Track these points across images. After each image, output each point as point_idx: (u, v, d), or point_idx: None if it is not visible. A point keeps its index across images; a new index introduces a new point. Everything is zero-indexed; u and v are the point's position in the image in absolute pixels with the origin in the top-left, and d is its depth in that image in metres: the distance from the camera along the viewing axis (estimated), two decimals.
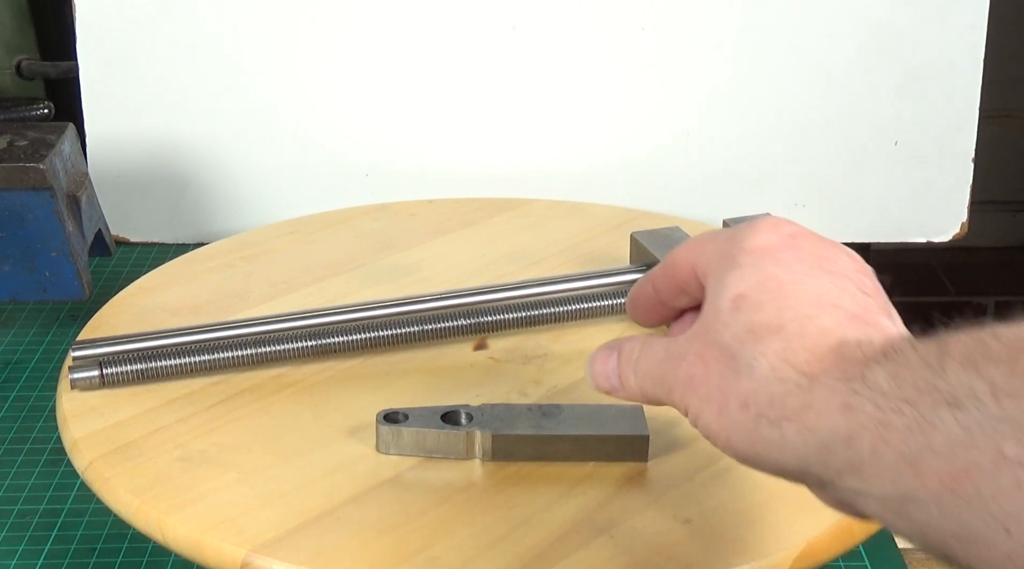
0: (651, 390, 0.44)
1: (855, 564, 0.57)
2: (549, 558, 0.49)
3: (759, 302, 0.39)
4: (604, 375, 0.46)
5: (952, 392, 0.31)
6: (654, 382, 0.43)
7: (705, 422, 0.40)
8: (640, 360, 0.44)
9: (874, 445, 0.33)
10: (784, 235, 0.41)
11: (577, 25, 0.88)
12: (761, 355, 0.38)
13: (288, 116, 0.90)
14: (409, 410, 0.55)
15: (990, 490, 0.30)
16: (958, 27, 0.88)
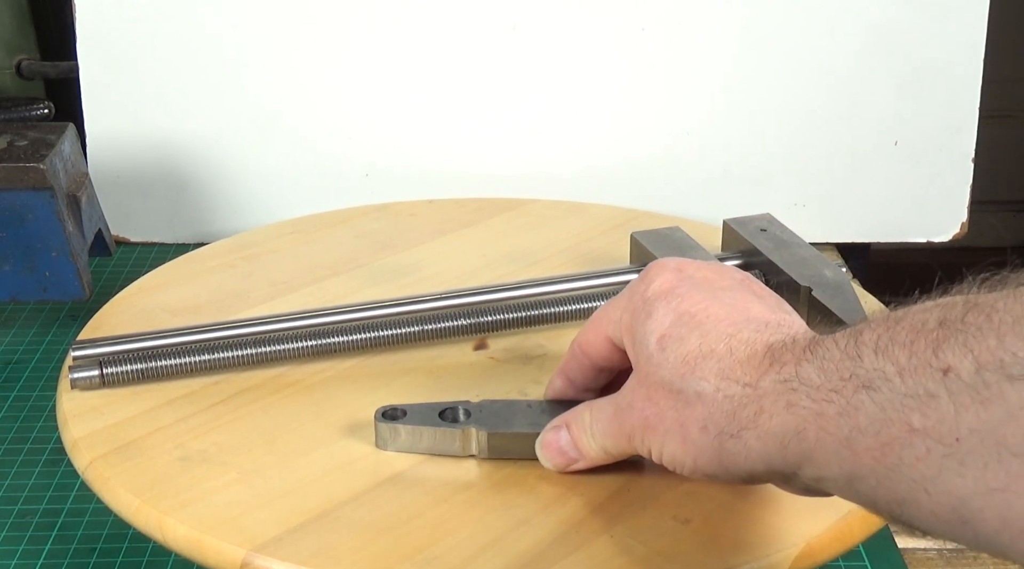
0: (612, 446, 0.48)
1: (855, 564, 0.57)
2: (549, 558, 0.49)
3: (681, 336, 0.44)
4: (560, 451, 0.50)
5: (867, 376, 0.35)
6: (614, 438, 0.47)
7: (671, 454, 0.44)
8: (593, 423, 0.48)
9: (817, 435, 0.37)
10: (673, 270, 0.46)
11: (577, 25, 0.88)
12: (703, 379, 0.42)
13: (288, 116, 0.90)
14: (408, 406, 0.55)
15: (908, 458, 0.34)
16: (958, 27, 0.88)
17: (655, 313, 0.45)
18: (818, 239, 0.90)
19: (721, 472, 0.42)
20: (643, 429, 0.45)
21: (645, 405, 0.44)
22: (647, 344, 0.45)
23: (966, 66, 0.89)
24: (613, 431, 0.47)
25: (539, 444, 0.51)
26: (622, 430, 0.46)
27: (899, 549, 0.58)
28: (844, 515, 0.50)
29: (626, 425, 0.46)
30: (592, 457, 0.49)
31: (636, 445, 0.46)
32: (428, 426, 0.54)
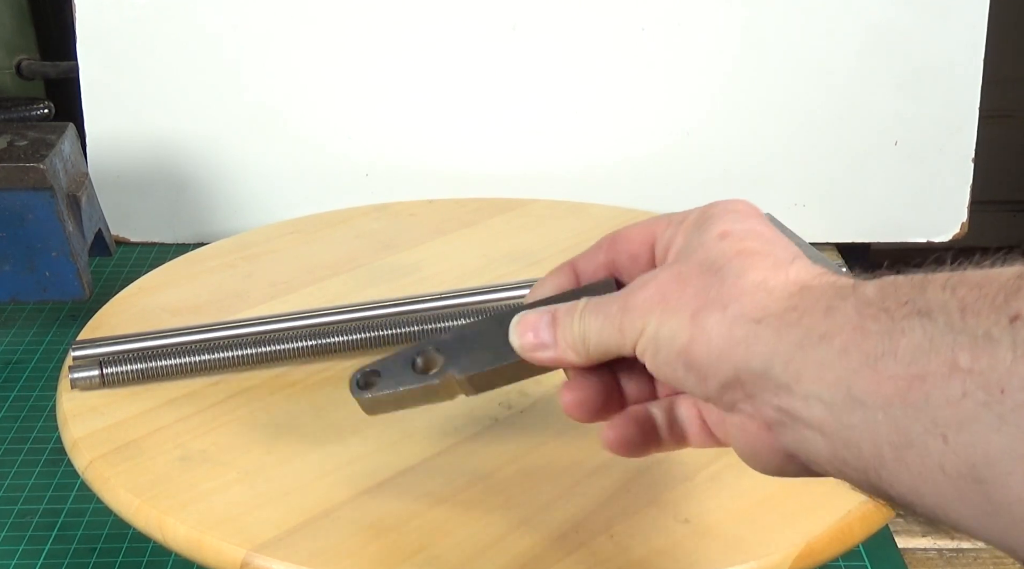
0: (595, 333, 0.41)
1: (855, 564, 0.57)
2: (549, 558, 0.49)
3: (745, 236, 0.40)
4: (533, 329, 0.43)
5: (926, 305, 0.32)
6: (603, 320, 0.41)
7: (667, 332, 0.38)
8: (587, 306, 0.42)
9: (845, 345, 0.34)
10: (749, 206, 0.43)
11: (577, 25, 0.88)
12: (751, 268, 0.38)
13: (288, 116, 0.90)
14: (380, 365, 0.48)
15: (938, 397, 0.31)
16: (958, 27, 0.88)
17: (723, 217, 0.41)
18: (818, 239, 0.90)
19: (711, 359, 0.37)
20: (647, 305, 0.39)
21: (667, 281, 0.39)
22: (706, 235, 0.40)
23: (966, 66, 0.89)
24: (607, 311, 0.41)
25: (516, 321, 0.44)
26: (620, 309, 0.40)
27: (899, 549, 0.58)
28: (844, 515, 0.50)
29: (628, 303, 0.40)
30: (564, 345, 0.42)
31: (625, 330, 0.40)
32: (405, 386, 0.47)
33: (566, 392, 0.43)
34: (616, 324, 0.40)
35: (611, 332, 0.40)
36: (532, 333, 0.43)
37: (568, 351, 0.42)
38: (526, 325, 0.44)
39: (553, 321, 0.43)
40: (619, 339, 0.40)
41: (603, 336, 0.41)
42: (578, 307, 0.42)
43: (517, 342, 0.44)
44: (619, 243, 0.45)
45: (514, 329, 0.44)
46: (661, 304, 0.39)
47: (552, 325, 0.43)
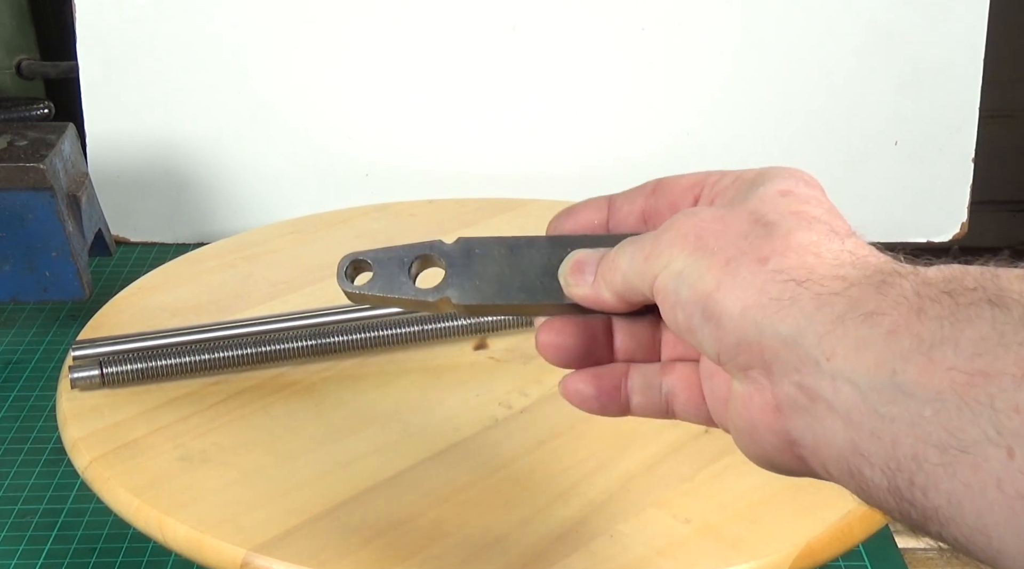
0: (625, 262, 0.37)
1: (855, 564, 0.56)
2: (549, 558, 0.49)
3: (807, 199, 0.36)
4: (579, 267, 0.39)
5: (998, 293, 0.28)
6: (633, 251, 0.37)
7: (695, 271, 0.34)
8: (626, 241, 0.38)
9: (895, 326, 0.29)
10: (813, 178, 0.40)
11: (577, 25, 0.88)
12: (804, 228, 0.34)
13: (288, 116, 0.90)
14: (373, 257, 0.42)
15: (1006, 403, 0.26)
16: (958, 27, 0.88)
17: (786, 180, 0.38)
18: None
19: (734, 314, 0.33)
20: (680, 239, 0.35)
21: (708, 220, 0.35)
22: (761, 188, 0.37)
23: (966, 66, 0.89)
24: (640, 242, 0.37)
25: (571, 257, 0.40)
26: (653, 240, 0.36)
27: (899, 549, 0.58)
28: (844, 515, 0.50)
29: (661, 235, 0.36)
30: (600, 281, 0.38)
31: (651, 260, 0.36)
32: (396, 293, 0.42)
33: (542, 332, 0.40)
34: (644, 253, 0.36)
35: (638, 262, 0.36)
36: (577, 271, 0.39)
37: (601, 287, 0.38)
38: (577, 259, 0.40)
39: (600, 260, 0.39)
40: (642, 271, 0.36)
41: (632, 268, 0.37)
42: (630, 247, 0.38)
43: (563, 275, 0.40)
44: (663, 190, 0.41)
45: (566, 262, 0.40)
46: (696, 241, 0.35)
47: (596, 264, 0.39)
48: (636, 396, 0.40)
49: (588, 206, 0.42)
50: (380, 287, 0.42)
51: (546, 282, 0.41)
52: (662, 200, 0.41)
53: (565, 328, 0.40)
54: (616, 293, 0.38)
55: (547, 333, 0.40)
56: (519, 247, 0.41)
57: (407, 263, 0.42)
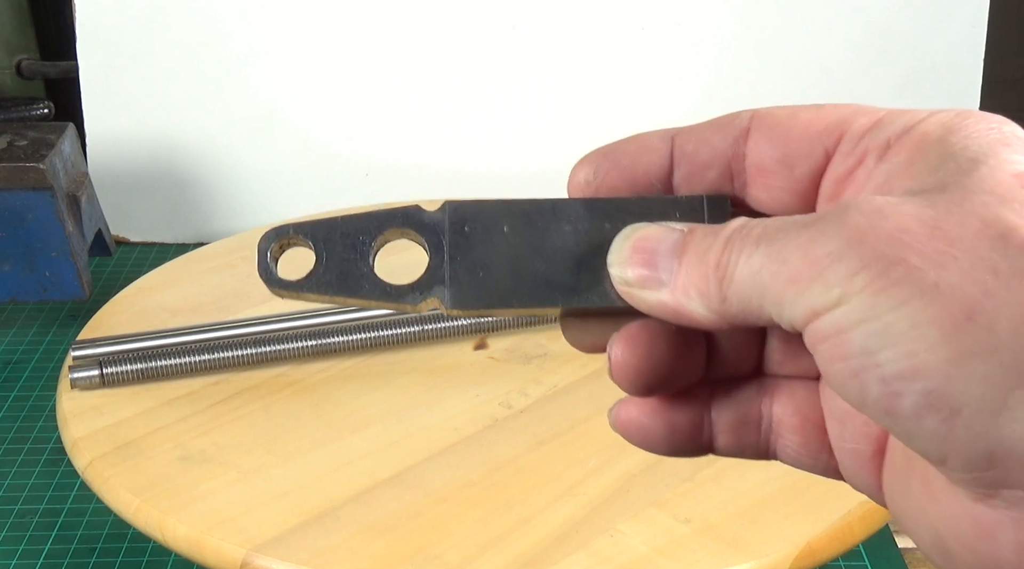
0: (750, 272, 0.24)
1: (855, 564, 0.56)
2: (549, 558, 0.49)
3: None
4: (647, 258, 0.26)
5: None
6: (766, 258, 0.24)
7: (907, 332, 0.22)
8: (744, 230, 0.25)
9: None
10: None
11: (577, 25, 0.88)
12: None
13: (288, 116, 0.90)
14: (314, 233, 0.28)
15: None
16: (958, 27, 0.88)
17: (1008, 149, 0.24)
18: None
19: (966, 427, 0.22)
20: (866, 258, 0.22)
21: (913, 227, 0.22)
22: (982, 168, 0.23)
23: (966, 66, 0.89)
24: (781, 245, 0.24)
25: (626, 234, 0.27)
26: (807, 245, 0.23)
27: (899, 549, 0.58)
28: (844, 515, 0.50)
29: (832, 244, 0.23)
30: (688, 286, 0.25)
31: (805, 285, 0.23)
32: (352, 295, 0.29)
33: (620, 347, 0.27)
34: (789, 269, 0.23)
35: (777, 282, 0.24)
36: (642, 263, 0.26)
37: (691, 297, 0.25)
38: (641, 245, 0.27)
39: (683, 246, 0.26)
40: (782, 296, 0.23)
41: (758, 284, 0.24)
42: (726, 230, 0.25)
43: (618, 266, 0.27)
44: (767, 132, 0.28)
45: (622, 246, 0.27)
46: (901, 270, 0.22)
47: (679, 252, 0.26)
48: (724, 434, 0.29)
49: (639, 147, 0.29)
50: (326, 282, 0.28)
51: (584, 275, 0.28)
52: (766, 149, 0.28)
53: (643, 339, 0.27)
54: (717, 312, 0.25)
55: (625, 348, 0.27)
56: (538, 217, 0.29)
57: (366, 244, 0.28)
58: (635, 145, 0.29)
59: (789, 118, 0.28)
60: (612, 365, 0.27)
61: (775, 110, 0.28)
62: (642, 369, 0.27)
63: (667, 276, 0.26)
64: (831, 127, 0.27)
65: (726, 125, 0.29)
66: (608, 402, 0.28)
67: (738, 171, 0.29)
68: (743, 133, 0.29)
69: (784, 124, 0.28)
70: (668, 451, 0.29)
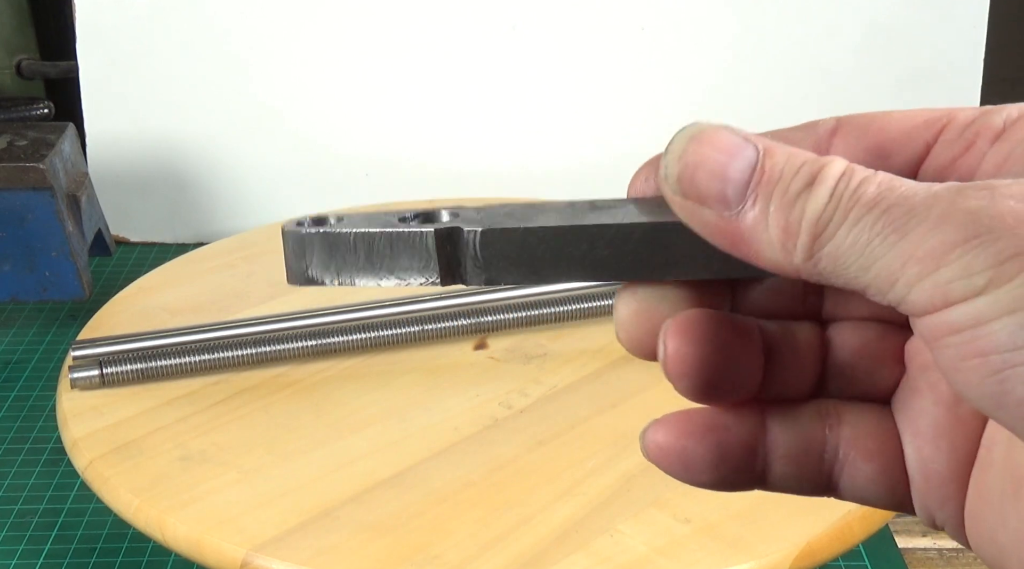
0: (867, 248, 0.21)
1: (855, 564, 0.56)
2: (549, 558, 0.49)
3: None
4: (725, 153, 0.23)
5: None
6: (887, 230, 0.20)
7: None
8: (855, 173, 0.22)
9: None
10: None
11: (577, 25, 0.88)
12: None
13: (288, 116, 0.90)
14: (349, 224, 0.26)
15: None
16: (958, 27, 0.88)
17: None
18: None
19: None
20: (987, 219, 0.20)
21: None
22: None
23: (966, 66, 0.89)
24: (918, 234, 0.20)
25: (692, 136, 0.25)
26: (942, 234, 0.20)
27: (899, 549, 0.58)
28: (844, 515, 0.50)
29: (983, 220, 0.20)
30: (762, 218, 0.22)
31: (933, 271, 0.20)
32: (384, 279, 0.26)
33: (673, 337, 0.24)
34: (917, 249, 0.20)
35: (895, 258, 0.21)
36: (713, 168, 0.23)
37: (767, 236, 0.22)
38: (713, 148, 0.24)
39: (761, 172, 0.23)
40: (898, 274, 0.20)
41: (869, 254, 0.21)
42: (826, 177, 0.22)
43: (678, 168, 0.23)
44: (856, 131, 0.26)
45: (688, 142, 0.24)
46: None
47: (756, 175, 0.23)
48: (780, 462, 0.26)
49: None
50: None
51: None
52: (855, 142, 0.26)
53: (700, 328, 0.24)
54: (794, 265, 0.22)
55: (680, 339, 0.24)
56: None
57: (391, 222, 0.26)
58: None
59: (882, 116, 0.25)
60: (667, 358, 0.24)
61: (861, 114, 0.26)
62: (701, 362, 0.24)
63: (735, 196, 0.22)
64: (931, 122, 0.25)
65: (808, 126, 0.27)
66: (608, 402, 0.27)
67: None
68: (828, 133, 0.27)
69: (877, 121, 0.25)
70: (713, 481, 0.25)
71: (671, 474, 0.25)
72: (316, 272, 0.26)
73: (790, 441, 0.25)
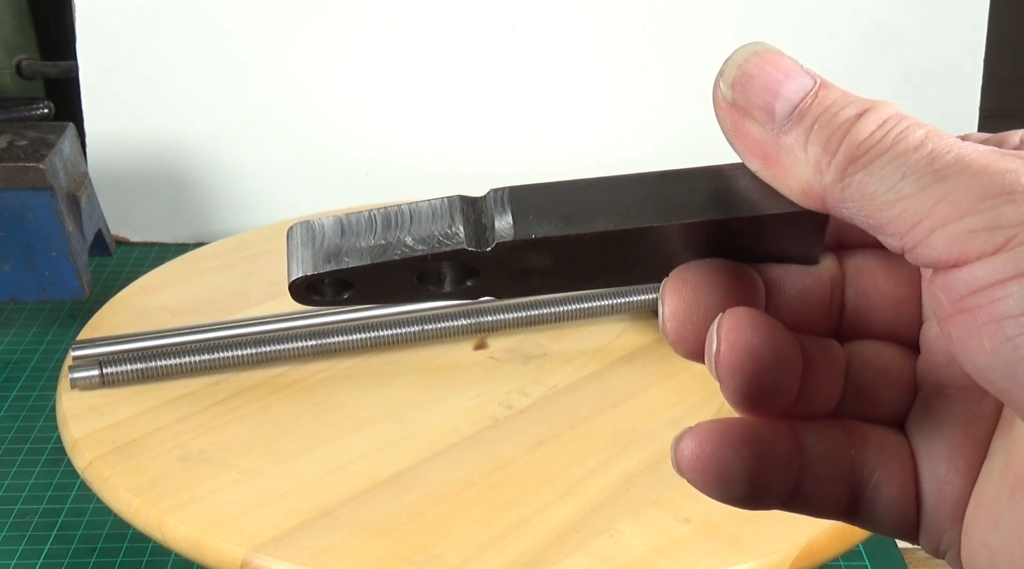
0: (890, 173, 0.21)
1: (855, 564, 0.56)
2: (549, 558, 0.49)
3: None
4: (769, 75, 0.23)
5: None
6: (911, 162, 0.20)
7: None
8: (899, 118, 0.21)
9: None
10: None
11: (577, 25, 0.88)
12: None
13: (288, 116, 0.90)
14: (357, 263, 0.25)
15: None
16: (958, 27, 0.88)
17: None
18: None
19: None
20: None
21: None
22: None
23: (966, 66, 0.89)
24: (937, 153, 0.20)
25: (754, 51, 0.25)
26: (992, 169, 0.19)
27: (899, 549, 0.58)
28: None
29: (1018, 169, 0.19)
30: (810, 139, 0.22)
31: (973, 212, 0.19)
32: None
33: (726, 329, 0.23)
34: (951, 194, 0.20)
35: (925, 199, 0.20)
36: (767, 82, 0.23)
37: (804, 151, 0.22)
38: (773, 66, 0.24)
39: (815, 94, 0.23)
40: (923, 217, 0.20)
41: (900, 190, 0.20)
42: (887, 107, 0.22)
43: (734, 74, 0.25)
44: None
45: (750, 55, 0.25)
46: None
47: (808, 97, 0.23)
48: (810, 481, 0.25)
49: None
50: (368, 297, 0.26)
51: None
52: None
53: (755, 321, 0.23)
54: (822, 184, 0.22)
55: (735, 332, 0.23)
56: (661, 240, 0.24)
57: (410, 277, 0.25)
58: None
59: None
60: (720, 353, 0.23)
61: None
62: (753, 362, 0.23)
63: (782, 113, 0.23)
64: None
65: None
66: (608, 402, 0.27)
67: None
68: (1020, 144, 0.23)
69: None
70: (746, 495, 0.25)
71: (703, 487, 0.25)
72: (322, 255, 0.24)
73: (820, 458, 0.24)
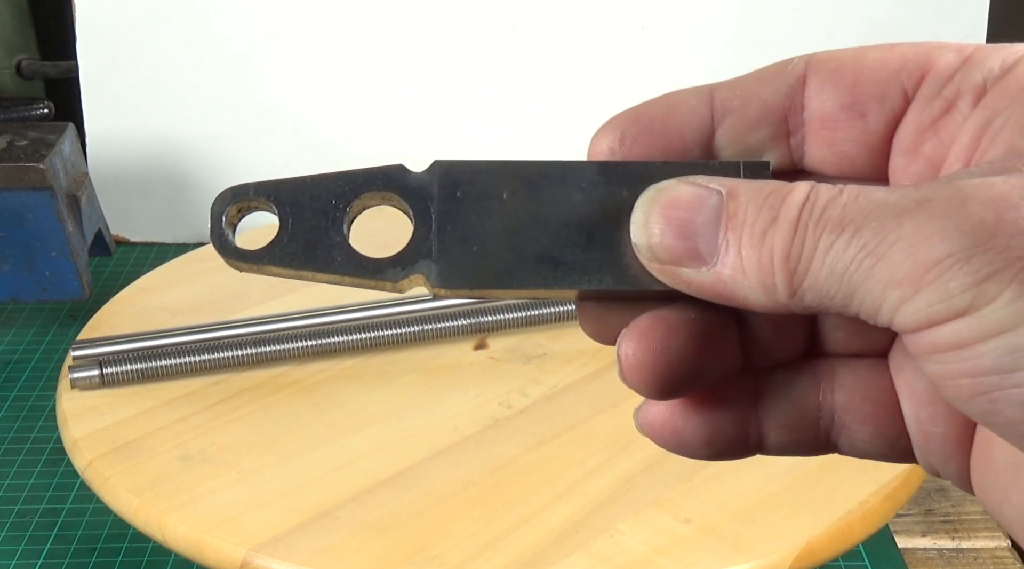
0: (834, 258, 0.20)
1: (855, 564, 0.56)
2: (549, 558, 0.49)
3: None
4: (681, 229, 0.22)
5: None
6: (861, 251, 0.20)
7: None
8: (821, 197, 0.21)
9: None
10: None
11: (577, 25, 0.88)
12: None
13: (288, 116, 0.90)
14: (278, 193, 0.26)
15: None
16: (958, 27, 0.88)
17: None
18: None
19: None
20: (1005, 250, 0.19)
21: None
22: None
23: None
24: (881, 223, 0.20)
25: (652, 194, 0.23)
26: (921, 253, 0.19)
27: (899, 549, 0.58)
28: (844, 515, 0.50)
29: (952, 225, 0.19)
30: (740, 265, 0.21)
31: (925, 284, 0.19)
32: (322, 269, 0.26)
33: (629, 343, 0.23)
34: (895, 272, 0.20)
35: (874, 283, 0.20)
36: (678, 227, 0.22)
37: (748, 282, 0.21)
38: (672, 210, 0.22)
39: (729, 216, 0.22)
40: (880, 298, 0.20)
41: (848, 281, 0.20)
42: (788, 206, 0.21)
43: (645, 237, 0.23)
44: (827, 78, 0.24)
45: (648, 211, 0.23)
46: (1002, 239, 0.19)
47: (722, 222, 0.22)
48: (775, 432, 0.25)
49: (672, 107, 0.25)
50: (291, 253, 0.24)
51: (597, 251, 0.23)
52: (830, 96, 0.24)
53: (657, 333, 0.23)
54: (781, 303, 0.21)
55: (637, 345, 0.23)
56: (544, 183, 0.24)
57: (340, 209, 0.24)
58: (667, 104, 0.25)
59: (855, 59, 0.23)
60: (623, 366, 0.23)
61: (835, 52, 0.24)
62: (659, 368, 0.23)
63: (708, 249, 0.22)
64: (910, 66, 0.23)
65: (776, 75, 0.25)
66: (608, 402, 0.27)
67: (795, 126, 0.24)
68: (799, 81, 0.24)
69: (850, 66, 0.23)
70: (709, 455, 0.26)
71: (667, 449, 0.26)
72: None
73: (784, 411, 0.25)
